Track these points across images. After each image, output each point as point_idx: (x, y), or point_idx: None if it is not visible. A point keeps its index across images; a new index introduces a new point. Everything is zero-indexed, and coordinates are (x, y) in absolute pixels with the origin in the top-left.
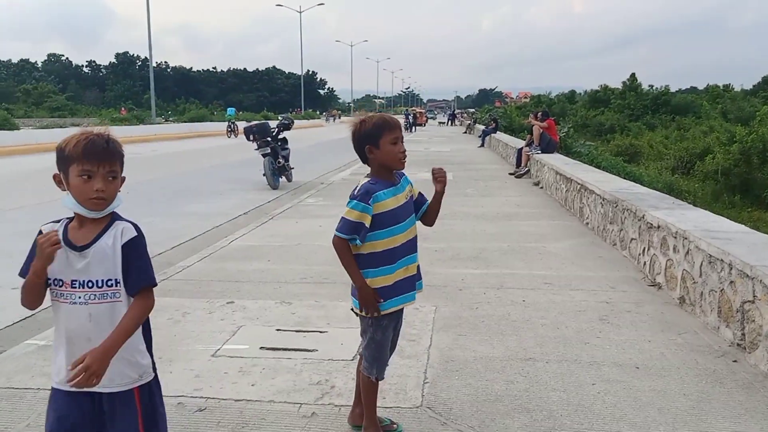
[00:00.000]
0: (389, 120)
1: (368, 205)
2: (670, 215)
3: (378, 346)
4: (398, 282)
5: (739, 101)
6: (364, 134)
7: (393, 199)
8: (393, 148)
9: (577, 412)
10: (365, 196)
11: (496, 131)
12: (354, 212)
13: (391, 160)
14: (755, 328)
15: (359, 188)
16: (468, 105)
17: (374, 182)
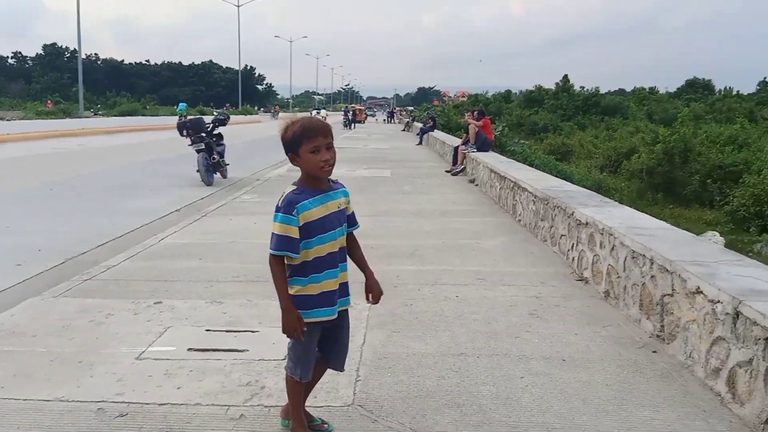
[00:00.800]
0: (309, 127)
1: (292, 216)
2: (597, 212)
3: (304, 348)
4: (325, 293)
5: (663, 103)
6: (286, 142)
7: (320, 207)
8: (313, 157)
9: (506, 405)
10: (288, 207)
11: (433, 129)
12: (280, 225)
13: (313, 169)
14: (673, 320)
15: (283, 199)
16: (407, 103)
17: (299, 191)
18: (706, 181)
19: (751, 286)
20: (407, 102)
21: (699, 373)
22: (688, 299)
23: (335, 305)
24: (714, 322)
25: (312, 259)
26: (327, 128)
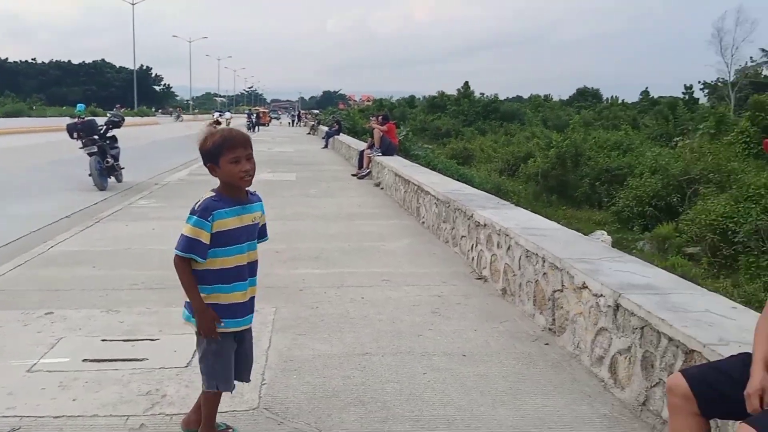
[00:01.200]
0: (230, 138)
1: (207, 221)
2: (495, 214)
3: (217, 357)
4: (233, 304)
5: (556, 110)
6: (205, 153)
7: (235, 219)
8: (233, 167)
9: (409, 401)
10: (204, 212)
11: (339, 133)
12: (192, 228)
13: (233, 179)
14: (563, 314)
15: (200, 203)
16: (312, 106)
17: (217, 199)
18: (595, 183)
19: (629, 281)
20: (312, 105)
21: (585, 361)
22: (576, 294)
23: (245, 317)
24: (598, 315)
25: (217, 269)
26: (247, 139)
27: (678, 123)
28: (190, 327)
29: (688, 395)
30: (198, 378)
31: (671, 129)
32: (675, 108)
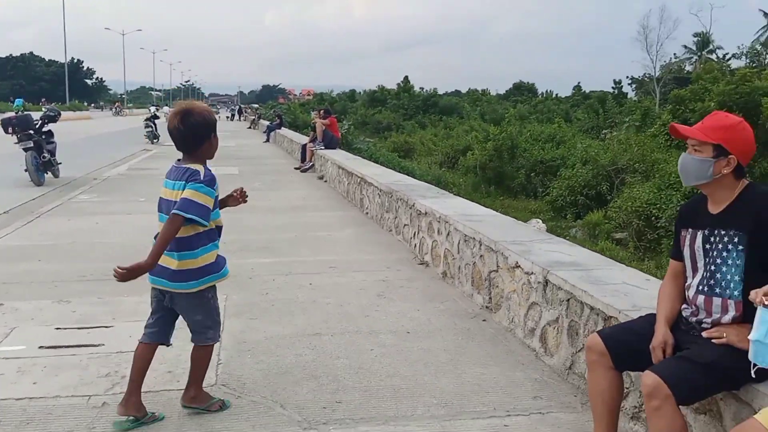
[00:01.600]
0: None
1: (214, 190)
2: (435, 203)
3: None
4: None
5: (493, 104)
6: (211, 123)
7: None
8: (217, 142)
9: (358, 374)
10: (212, 182)
11: (281, 127)
12: (205, 197)
13: (212, 154)
14: (499, 292)
15: (204, 174)
16: (251, 100)
17: (210, 170)
18: (530, 174)
19: (557, 259)
20: (252, 99)
21: (519, 334)
22: (510, 273)
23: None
24: (529, 291)
25: (216, 227)
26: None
27: (607, 116)
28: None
29: (604, 352)
30: (155, 360)
31: (601, 122)
32: (605, 102)
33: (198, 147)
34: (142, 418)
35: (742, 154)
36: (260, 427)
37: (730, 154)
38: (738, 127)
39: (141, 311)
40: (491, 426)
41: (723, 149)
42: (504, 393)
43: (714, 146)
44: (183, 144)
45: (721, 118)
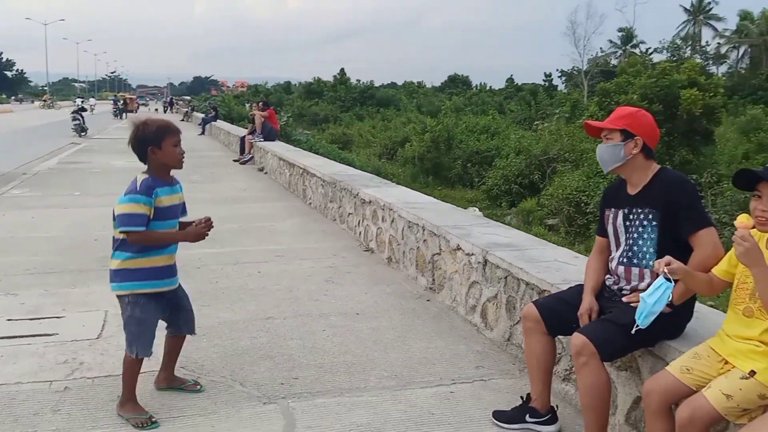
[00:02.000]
0: (171, 125)
1: (150, 198)
2: (379, 192)
3: (138, 323)
4: (164, 267)
5: (429, 97)
6: (148, 136)
7: (169, 197)
8: (174, 150)
9: (312, 352)
10: (148, 190)
11: (216, 119)
12: (137, 206)
13: (173, 161)
14: (442, 273)
15: (140, 184)
16: (182, 92)
17: (153, 179)
18: (467, 165)
19: (495, 241)
20: (182, 91)
21: (461, 311)
22: (452, 255)
23: (175, 276)
24: (470, 271)
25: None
26: (179, 129)
27: (539, 108)
28: (119, 296)
29: (538, 319)
30: (111, 346)
31: (533, 113)
32: (536, 94)
33: (144, 159)
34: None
35: (647, 135)
36: (222, 404)
37: (635, 135)
38: (638, 114)
39: (90, 302)
40: (438, 393)
41: (629, 133)
42: (449, 364)
43: (621, 131)
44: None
45: (623, 109)
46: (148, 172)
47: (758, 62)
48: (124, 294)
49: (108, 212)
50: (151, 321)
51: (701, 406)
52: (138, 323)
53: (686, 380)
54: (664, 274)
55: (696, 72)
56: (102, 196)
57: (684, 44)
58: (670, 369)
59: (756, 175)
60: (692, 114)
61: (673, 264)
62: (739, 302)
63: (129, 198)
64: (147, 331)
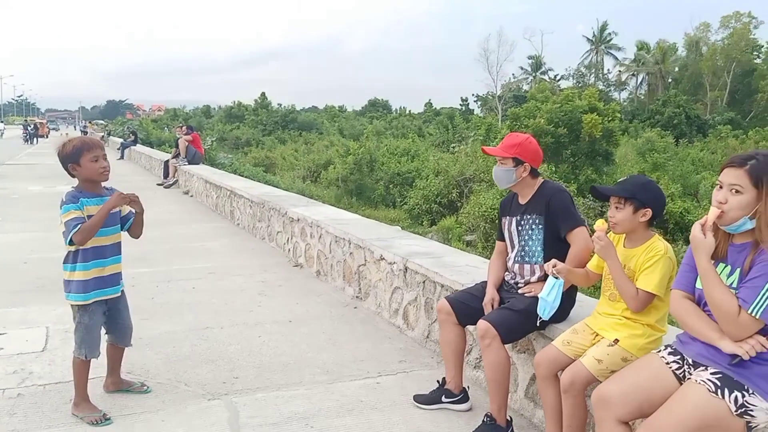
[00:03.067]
0: (88, 141)
1: (77, 204)
2: (307, 210)
3: (86, 329)
4: (107, 276)
5: (351, 120)
6: (67, 155)
7: (97, 207)
8: (94, 165)
9: (251, 356)
10: (74, 199)
11: (135, 144)
12: (71, 212)
13: (94, 175)
14: (367, 282)
15: (66, 196)
16: (95, 116)
17: (79, 191)
18: (389, 186)
19: (414, 251)
20: (95, 115)
21: (385, 315)
22: (376, 265)
23: (118, 285)
24: (393, 278)
25: (91, 247)
26: (101, 143)
27: (456, 131)
28: (72, 305)
29: (450, 311)
30: (57, 357)
31: (450, 136)
32: (453, 118)
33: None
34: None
35: (533, 160)
36: (170, 402)
37: (524, 162)
38: (525, 143)
39: (29, 320)
40: (366, 385)
41: (519, 160)
42: (375, 360)
43: (512, 158)
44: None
45: (513, 137)
46: (76, 187)
47: (655, 89)
48: (75, 303)
49: (34, 236)
50: (97, 325)
51: (579, 371)
52: (86, 328)
53: (567, 351)
54: (553, 273)
55: (595, 98)
56: (25, 221)
57: (588, 71)
58: (554, 343)
59: (601, 192)
60: (593, 137)
61: (558, 265)
62: (606, 289)
63: (62, 210)
64: (94, 334)
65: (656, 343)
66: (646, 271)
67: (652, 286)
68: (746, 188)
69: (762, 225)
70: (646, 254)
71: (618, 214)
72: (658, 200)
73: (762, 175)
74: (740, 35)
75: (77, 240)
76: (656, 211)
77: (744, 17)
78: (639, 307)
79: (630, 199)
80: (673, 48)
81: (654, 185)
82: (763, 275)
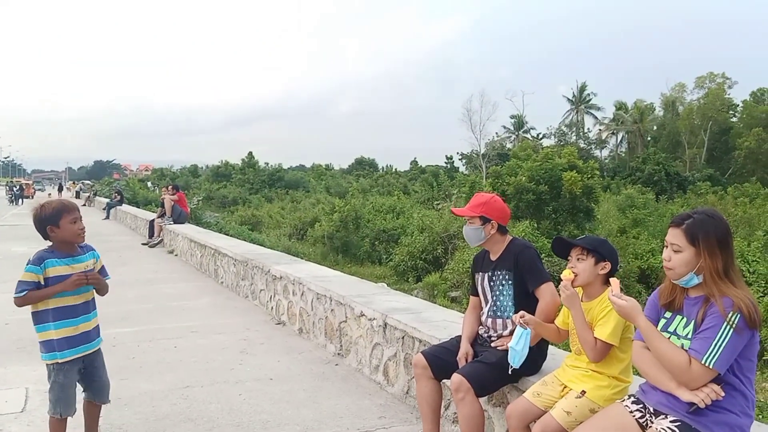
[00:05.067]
0: (67, 204)
1: (38, 267)
2: (289, 268)
3: (61, 387)
4: (80, 334)
5: (337, 178)
6: (46, 217)
7: (66, 266)
8: (73, 226)
9: (230, 413)
10: (38, 261)
11: (121, 203)
12: (26, 274)
13: (71, 236)
14: (348, 339)
15: (34, 255)
16: (82, 176)
17: (50, 252)
18: (374, 242)
19: (394, 306)
20: (82, 175)
21: (366, 372)
22: (356, 321)
23: (95, 341)
24: (373, 334)
25: (54, 308)
26: (77, 206)
27: (440, 189)
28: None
29: (426, 366)
30: (36, 418)
31: (435, 194)
32: (438, 176)
33: (46, 237)
34: None
35: (499, 218)
36: None
37: (491, 219)
38: (491, 201)
39: (9, 380)
40: None
41: (486, 218)
42: (355, 416)
43: (480, 217)
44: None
45: (479, 197)
46: (49, 248)
47: (634, 147)
48: (49, 363)
49: None
50: (72, 384)
51: (549, 423)
52: (60, 387)
53: (537, 402)
54: (521, 324)
55: (574, 156)
56: (9, 282)
57: (569, 130)
58: (525, 395)
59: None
60: (573, 193)
61: (525, 316)
62: (574, 343)
63: (24, 269)
64: (69, 392)
65: (622, 393)
66: (601, 322)
67: (606, 335)
68: (684, 247)
69: (708, 280)
70: (600, 305)
71: (579, 265)
72: (614, 256)
73: (697, 233)
74: (715, 95)
75: (17, 303)
76: (614, 265)
77: (718, 78)
78: (597, 357)
79: (591, 251)
80: (650, 107)
81: (611, 244)
82: (713, 327)
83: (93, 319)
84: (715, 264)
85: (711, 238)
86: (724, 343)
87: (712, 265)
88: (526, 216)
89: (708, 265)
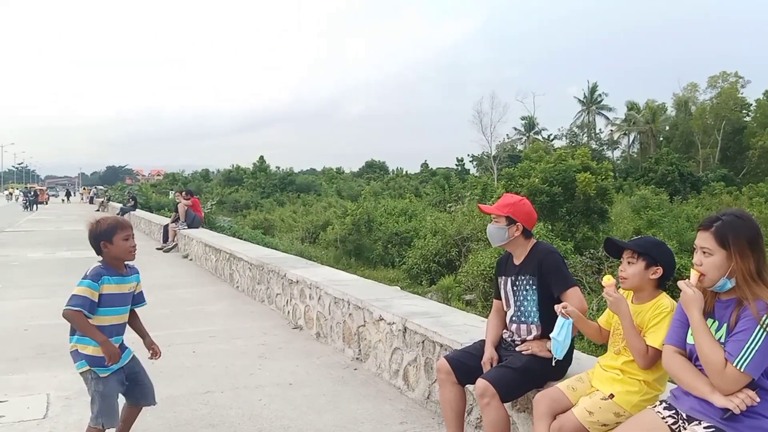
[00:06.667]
0: (122, 221)
1: (97, 284)
2: (305, 272)
3: (102, 397)
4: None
5: (349, 182)
6: (101, 232)
7: (117, 285)
8: (126, 244)
9: (251, 419)
10: (96, 277)
11: (135, 208)
12: (84, 288)
13: (123, 253)
14: (367, 344)
15: (91, 270)
16: (95, 182)
17: (105, 268)
18: (387, 246)
19: (413, 310)
20: (95, 181)
21: (386, 376)
22: (375, 326)
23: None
24: (392, 338)
25: (107, 325)
26: (131, 224)
27: (452, 191)
28: (83, 372)
29: (449, 371)
30: (59, 425)
31: (447, 196)
32: (449, 178)
33: (99, 252)
34: None
35: (525, 221)
36: None
37: (517, 221)
38: (519, 204)
39: (30, 386)
40: None
41: (512, 219)
42: (376, 422)
43: (506, 217)
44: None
45: (508, 197)
46: (102, 263)
47: (647, 147)
48: (84, 371)
49: (35, 303)
50: (114, 394)
51: (568, 420)
52: (102, 398)
53: (570, 395)
54: (562, 314)
55: (587, 157)
56: (26, 288)
57: (581, 131)
58: (559, 385)
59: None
60: (587, 195)
61: (568, 307)
62: (614, 344)
63: (79, 282)
64: (111, 403)
65: (651, 401)
66: (653, 328)
67: (659, 343)
68: (715, 250)
69: (740, 282)
70: (653, 311)
71: (629, 269)
72: (669, 261)
73: (727, 234)
74: (728, 94)
75: (65, 315)
76: (667, 271)
77: (731, 77)
78: (647, 364)
79: (643, 255)
80: (662, 108)
81: (667, 247)
82: (747, 330)
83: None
84: (747, 265)
85: (741, 240)
86: (757, 347)
87: (744, 267)
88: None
89: (740, 267)
